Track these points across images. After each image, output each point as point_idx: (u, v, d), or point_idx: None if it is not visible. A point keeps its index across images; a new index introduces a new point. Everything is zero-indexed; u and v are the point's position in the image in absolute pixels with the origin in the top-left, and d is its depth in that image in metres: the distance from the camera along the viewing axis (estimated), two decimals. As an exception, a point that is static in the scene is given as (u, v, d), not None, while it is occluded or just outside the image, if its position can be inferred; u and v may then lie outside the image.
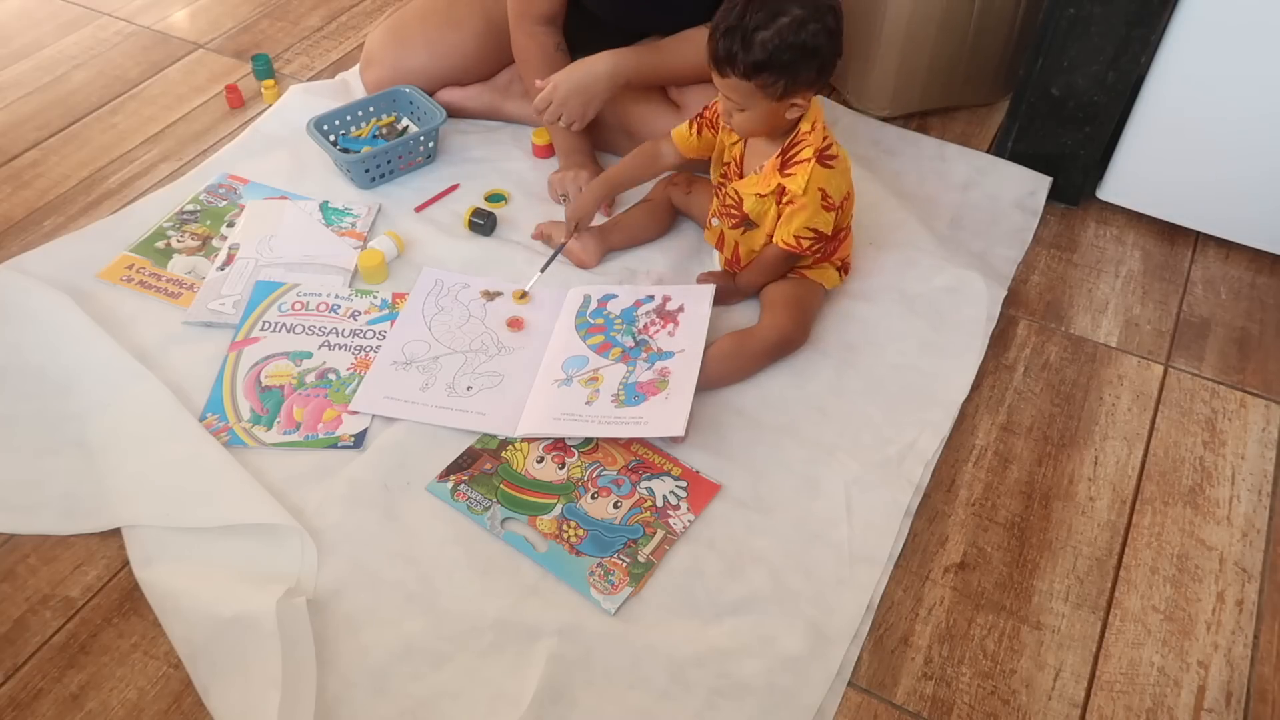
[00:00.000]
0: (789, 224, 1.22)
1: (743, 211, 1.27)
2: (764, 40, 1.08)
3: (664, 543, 1.09)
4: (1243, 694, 1.01)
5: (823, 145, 1.20)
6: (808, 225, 1.21)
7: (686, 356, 1.23)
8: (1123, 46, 1.40)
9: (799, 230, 1.22)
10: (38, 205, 1.53)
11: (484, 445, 1.18)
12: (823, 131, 1.21)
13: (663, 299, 1.32)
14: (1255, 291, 1.45)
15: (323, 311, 1.33)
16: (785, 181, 1.21)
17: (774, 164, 1.22)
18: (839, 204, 1.23)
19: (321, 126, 1.54)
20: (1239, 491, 1.19)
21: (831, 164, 1.20)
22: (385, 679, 0.97)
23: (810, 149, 1.19)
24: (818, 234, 1.22)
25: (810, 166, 1.19)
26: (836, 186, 1.21)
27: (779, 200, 1.23)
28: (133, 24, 1.94)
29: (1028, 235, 1.51)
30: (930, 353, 1.31)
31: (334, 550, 1.06)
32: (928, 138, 1.69)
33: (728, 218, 1.31)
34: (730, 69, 1.12)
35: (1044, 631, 1.05)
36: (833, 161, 1.20)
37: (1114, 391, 1.30)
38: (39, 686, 0.98)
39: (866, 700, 0.99)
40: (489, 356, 1.28)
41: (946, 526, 1.15)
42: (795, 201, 1.20)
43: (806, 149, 1.20)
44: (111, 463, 1.13)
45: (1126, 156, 1.50)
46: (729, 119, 1.20)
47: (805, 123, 1.20)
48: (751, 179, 1.26)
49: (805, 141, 1.20)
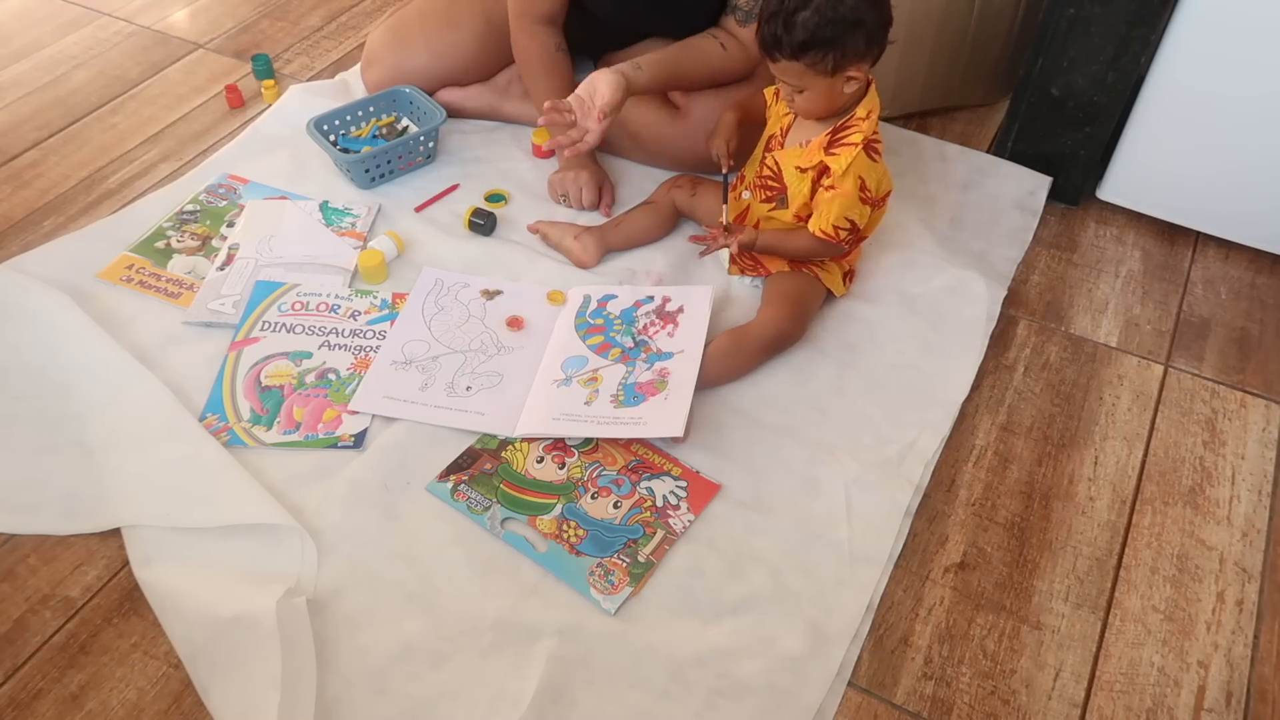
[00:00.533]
0: (827, 212, 1.21)
1: (782, 183, 1.27)
2: (804, 19, 1.11)
3: (664, 543, 1.09)
4: (1243, 694, 1.01)
5: (873, 135, 1.20)
6: (845, 215, 1.21)
7: (686, 357, 1.23)
8: (1123, 46, 1.40)
9: (837, 219, 1.21)
10: (38, 205, 1.53)
11: (484, 445, 1.18)
12: (875, 122, 1.21)
13: (662, 300, 1.32)
14: (1255, 291, 1.45)
15: (323, 311, 1.33)
16: (829, 160, 1.21)
17: (821, 140, 1.22)
18: (877, 200, 1.23)
19: (321, 126, 1.54)
20: (1239, 491, 1.19)
21: (876, 156, 1.21)
22: (385, 679, 0.97)
23: (860, 134, 1.19)
24: (853, 226, 1.22)
25: (856, 151, 1.19)
26: (876, 181, 1.21)
27: (816, 179, 1.22)
28: (133, 24, 1.94)
29: (1028, 235, 1.51)
30: (930, 353, 1.31)
31: (334, 550, 1.06)
32: (928, 138, 1.69)
33: (762, 189, 1.30)
34: (778, 53, 1.14)
35: (1044, 631, 1.05)
36: (877, 156, 1.21)
37: (1114, 391, 1.30)
38: (39, 686, 0.98)
39: (866, 700, 0.99)
40: (488, 356, 1.28)
41: (946, 526, 1.15)
42: (835, 185, 1.20)
43: (857, 133, 1.20)
44: (111, 463, 1.13)
45: (1126, 156, 1.50)
46: (791, 104, 1.21)
47: (862, 108, 1.20)
48: (794, 150, 1.25)
49: (857, 126, 1.20)
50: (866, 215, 1.23)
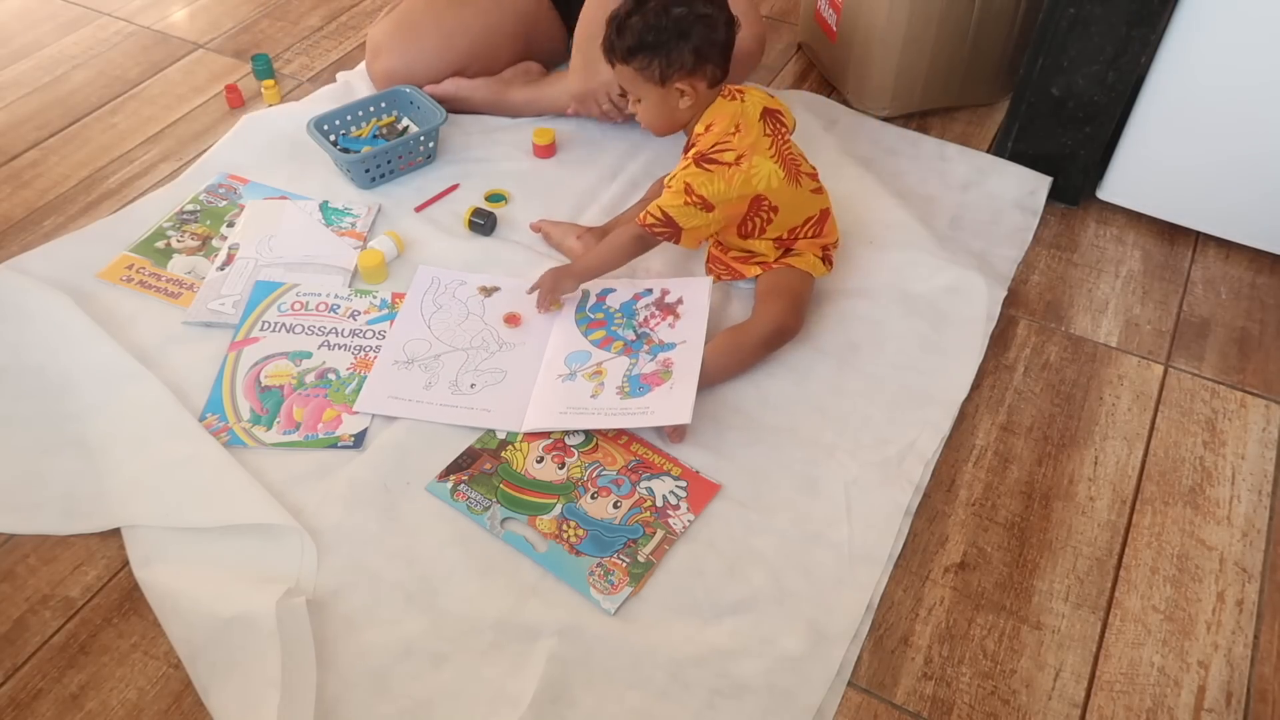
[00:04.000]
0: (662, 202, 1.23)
1: None
2: (634, 25, 1.17)
3: (664, 543, 1.09)
4: (1243, 694, 1.01)
5: (709, 149, 1.21)
6: (660, 206, 1.22)
7: (689, 347, 1.23)
8: (1123, 46, 1.40)
9: (652, 209, 1.23)
10: (38, 205, 1.53)
11: (484, 445, 1.18)
12: (719, 135, 1.21)
13: (661, 292, 1.32)
14: (1255, 291, 1.45)
15: (322, 311, 1.33)
16: None
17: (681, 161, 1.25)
18: (715, 203, 1.21)
19: (321, 126, 1.54)
20: (1239, 491, 1.19)
21: (710, 168, 1.20)
22: (385, 679, 0.97)
23: (695, 150, 1.22)
24: (664, 217, 1.21)
25: (687, 163, 1.22)
26: (712, 189, 1.20)
27: None
28: (133, 24, 1.94)
29: (1028, 235, 1.51)
30: (930, 352, 1.31)
31: (334, 550, 1.06)
32: (928, 138, 1.69)
33: None
34: (613, 57, 1.21)
35: (1044, 631, 1.05)
36: (713, 166, 1.20)
37: (1114, 391, 1.30)
38: (39, 686, 0.98)
39: (866, 700, 0.99)
40: (490, 353, 1.28)
41: (946, 526, 1.14)
42: (668, 186, 1.23)
43: (694, 150, 1.22)
44: (111, 463, 1.13)
45: (1126, 156, 1.50)
46: (636, 116, 1.27)
47: (700, 124, 1.23)
48: None
49: (696, 144, 1.23)
50: (690, 214, 1.21)
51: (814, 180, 1.30)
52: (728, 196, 1.22)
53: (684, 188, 1.21)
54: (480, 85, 1.63)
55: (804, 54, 1.92)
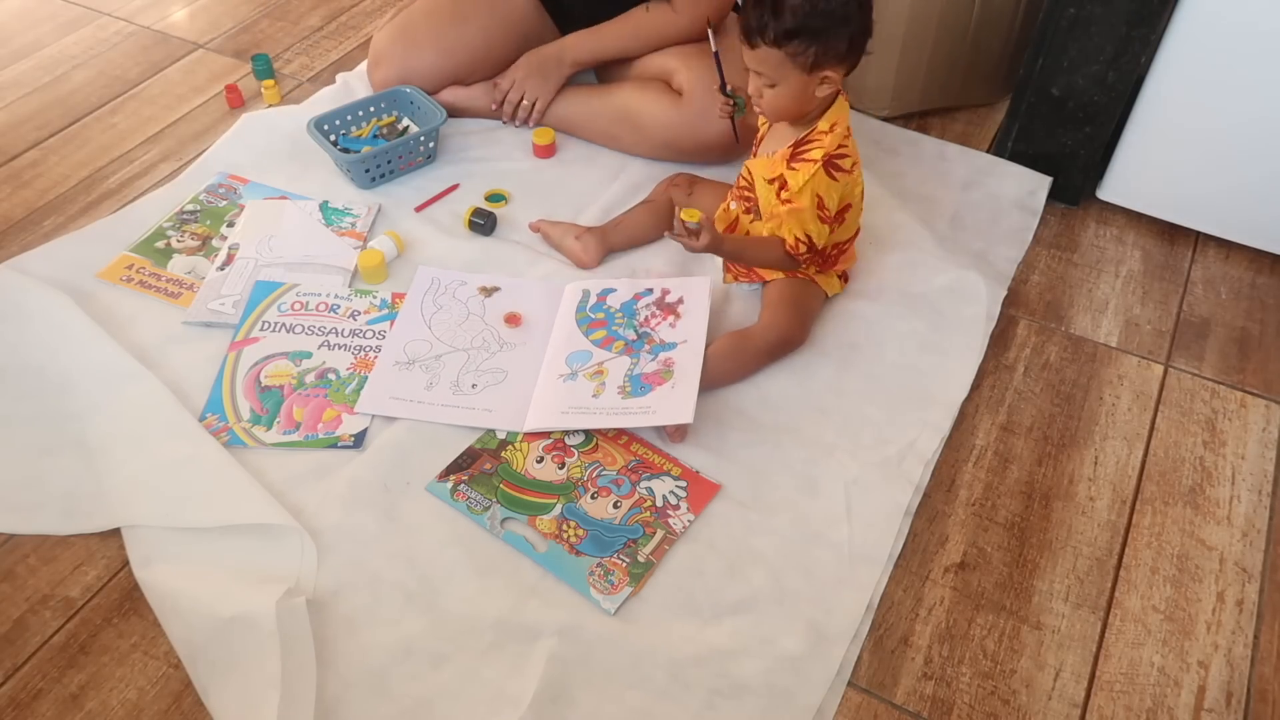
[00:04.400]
0: (785, 227, 1.22)
1: (754, 193, 1.27)
2: (795, 6, 1.09)
3: (664, 543, 1.09)
4: (1243, 694, 1.01)
5: (835, 150, 1.18)
6: (803, 229, 1.21)
7: (690, 346, 1.23)
8: (1123, 46, 1.40)
9: (794, 233, 1.21)
10: (38, 205, 1.53)
11: (484, 445, 1.18)
12: (841, 137, 1.19)
13: (662, 291, 1.32)
14: (1255, 291, 1.45)
15: (322, 311, 1.33)
16: (788, 174, 1.20)
17: (785, 152, 1.21)
18: (834, 215, 1.21)
19: (321, 126, 1.54)
20: (1239, 491, 1.19)
21: (836, 175, 1.19)
22: (385, 679, 0.97)
23: (821, 150, 1.18)
24: (810, 243, 1.22)
25: (815, 169, 1.18)
26: (836, 199, 1.20)
27: (778, 193, 1.22)
28: (133, 24, 1.94)
29: (1028, 235, 1.51)
30: (930, 352, 1.31)
31: (334, 550, 1.06)
32: (928, 138, 1.69)
33: (740, 199, 1.31)
34: (760, 38, 1.12)
35: (1044, 631, 1.05)
36: (838, 173, 1.19)
37: (1114, 391, 1.30)
38: (39, 686, 0.98)
39: (866, 700, 0.99)
40: (491, 353, 1.28)
41: (946, 526, 1.14)
42: (792, 200, 1.20)
43: (817, 149, 1.19)
44: (111, 463, 1.13)
45: (1126, 156, 1.50)
46: (759, 100, 1.18)
47: (824, 122, 1.19)
48: (764, 160, 1.25)
49: (819, 141, 1.19)
50: (824, 234, 1.21)
51: None
52: (841, 204, 1.21)
53: (817, 202, 1.18)
54: (478, 94, 1.63)
55: (804, 54, 1.92)
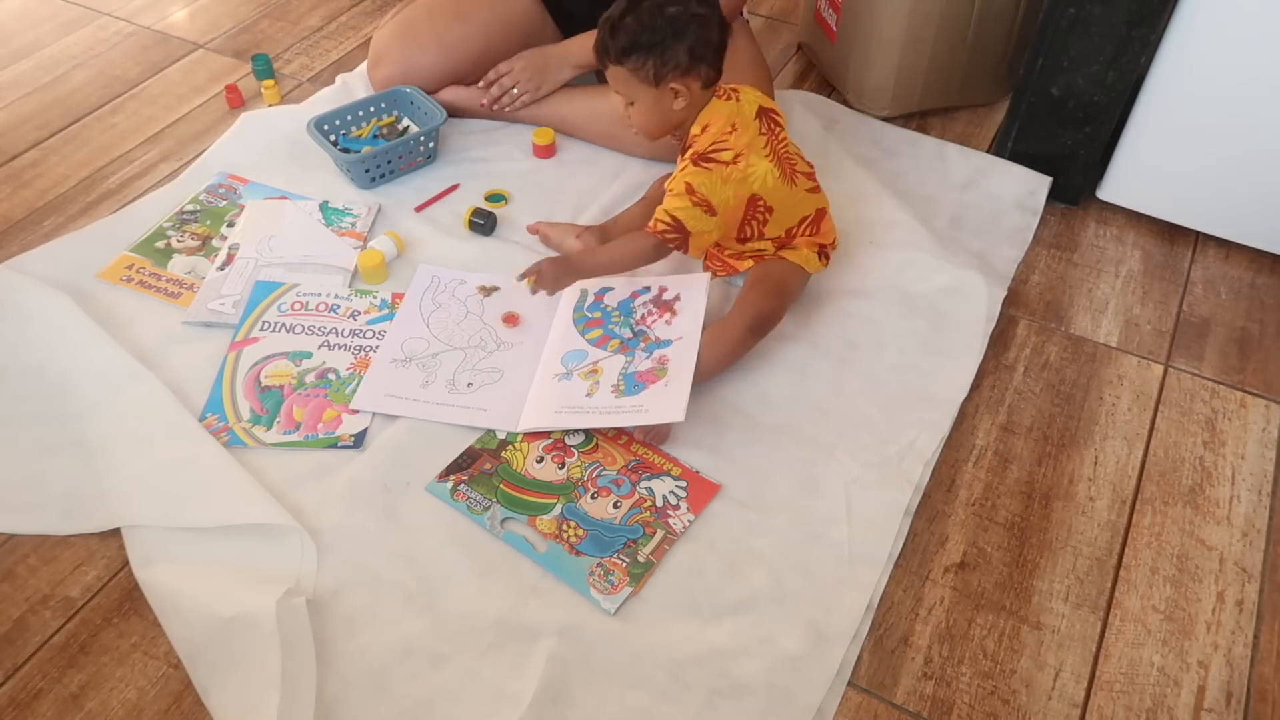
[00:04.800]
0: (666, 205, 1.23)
1: None
2: (628, 25, 1.17)
3: (664, 543, 1.09)
4: (1243, 694, 1.01)
5: (707, 149, 1.21)
6: (666, 210, 1.22)
7: (684, 343, 1.23)
8: (1123, 46, 1.40)
9: (659, 214, 1.22)
10: (38, 205, 1.53)
11: (484, 445, 1.18)
12: (716, 135, 1.21)
13: (659, 289, 1.32)
14: (1255, 291, 1.45)
15: (322, 311, 1.33)
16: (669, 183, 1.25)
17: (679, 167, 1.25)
18: (715, 205, 1.21)
19: (322, 126, 1.54)
20: (1239, 491, 1.19)
21: (708, 166, 1.21)
22: (385, 679, 0.97)
23: (693, 150, 1.22)
24: (673, 222, 1.21)
25: (685, 166, 1.22)
26: (711, 188, 1.21)
27: None
28: (133, 24, 1.94)
29: (1028, 235, 1.51)
30: (930, 352, 1.31)
31: (334, 550, 1.06)
32: (928, 138, 1.69)
33: None
34: (606, 58, 1.20)
35: (1044, 631, 1.05)
36: (711, 164, 1.21)
37: (1114, 391, 1.30)
38: (39, 686, 0.98)
39: (866, 700, 0.99)
40: (488, 352, 1.28)
41: (946, 526, 1.14)
42: (670, 189, 1.23)
43: (692, 151, 1.22)
44: (111, 463, 1.13)
45: (1126, 156, 1.50)
46: (627, 120, 1.26)
47: (696, 125, 1.23)
48: None
49: (693, 145, 1.23)
50: (697, 217, 1.21)
51: (810, 179, 1.30)
52: (726, 198, 1.22)
53: (685, 188, 1.20)
54: (478, 94, 1.63)
55: (804, 54, 1.92)
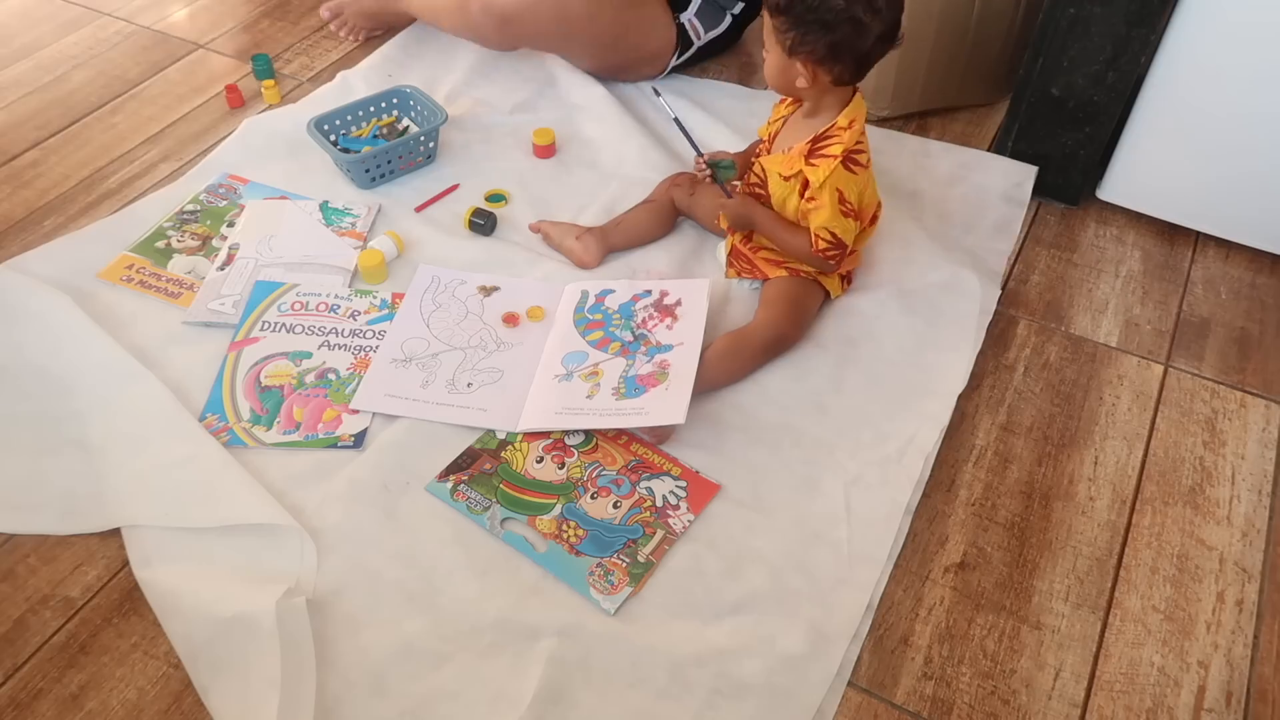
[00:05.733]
0: (811, 223, 1.23)
1: (767, 190, 1.28)
2: None
3: (664, 543, 1.09)
4: (1243, 694, 1.01)
5: (854, 146, 1.20)
6: (826, 227, 1.21)
7: (686, 349, 1.23)
8: (1123, 46, 1.40)
9: (817, 229, 1.22)
10: (38, 205, 1.53)
11: (484, 445, 1.18)
12: (859, 134, 1.21)
13: (660, 293, 1.32)
14: (1255, 291, 1.45)
15: (322, 311, 1.33)
16: (808, 171, 1.21)
17: (803, 148, 1.22)
18: (859, 212, 1.23)
19: (321, 126, 1.54)
20: (1239, 491, 1.19)
21: (855, 170, 1.20)
22: (385, 679, 0.97)
23: (840, 146, 1.20)
24: (835, 240, 1.22)
25: (834, 164, 1.19)
26: (857, 193, 1.22)
27: (801, 192, 1.23)
28: (133, 24, 1.94)
29: (1016, 226, 1.51)
30: (927, 347, 1.31)
31: (334, 550, 1.06)
32: (912, 136, 1.69)
33: (752, 196, 1.32)
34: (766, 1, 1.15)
35: (1044, 631, 1.05)
36: (857, 168, 1.21)
37: (1114, 391, 1.30)
38: (39, 686, 0.98)
39: (866, 700, 0.99)
40: (488, 353, 1.28)
41: (946, 526, 1.14)
42: (815, 198, 1.21)
43: (837, 144, 1.20)
44: (111, 463, 1.13)
45: (1126, 156, 1.50)
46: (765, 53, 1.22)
47: (844, 118, 1.20)
48: (779, 157, 1.26)
49: (837, 137, 1.20)
50: (851, 229, 1.23)
51: None
52: (862, 201, 1.22)
53: (838, 197, 1.19)
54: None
55: (804, 54, 1.92)
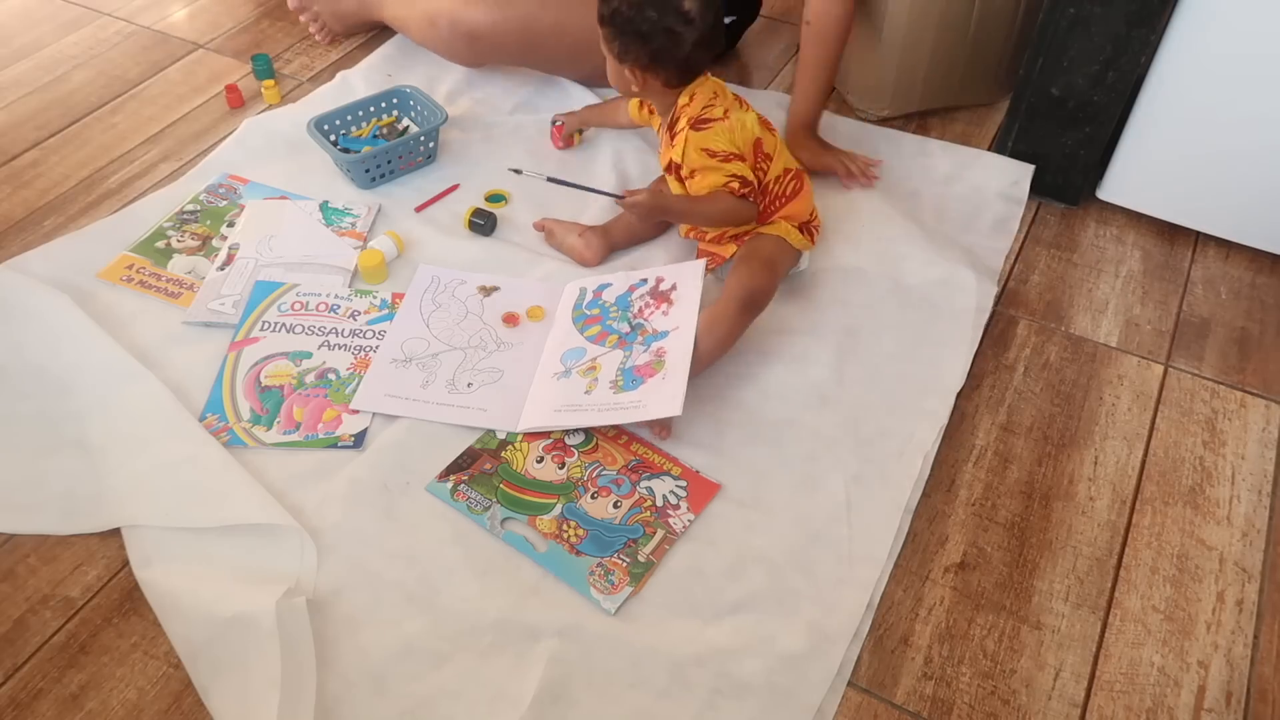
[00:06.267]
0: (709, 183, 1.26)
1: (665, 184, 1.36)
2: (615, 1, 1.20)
3: (664, 542, 1.09)
4: (1243, 694, 1.01)
5: (699, 113, 1.25)
6: (722, 177, 1.25)
7: (680, 333, 1.23)
8: (1123, 46, 1.40)
9: (715, 182, 1.25)
10: (38, 205, 1.53)
11: (484, 445, 1.18)
12: (703, 101, 1.26)
13: (655, 280, 1.32)
14: (1255, 291, 1.45)
15: (322, 311, 1.33)
16: (672, 154, 1.28)
17: (665, 138, 1.30)
18: (740, 153, 1.26)
19: (321, 126, 1.54)
20: (1239, 491, 1.19)
21: (706, 126, 1.25)
22: (385, 679, 0.97)
23: (685, 119, 1.26)
24: (742, 180, 1.25)
25: (685, 134, 1.25)
26: (724, 141, 1.25)
27: (677, 173, 1.29)
28: (133, 24, 1.94)
29: (1014, 224, 1.51)
30: (925, 345, 1.31)
31: (334, 550, 1.07)
32: (909, 135, 1.68)
33: None
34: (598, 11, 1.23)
35: (1044, 631, 1.05)
36: (708, 124, 1.25)
37: (1114, 391, 1.30)
38: (39, 686, 0.98)
39: (866, 700, 0.99)
40: (488, 352, 1.28)
41: (946, 526, 1.15)
42: (693, 171, 1.26)
43: (682, 119, 1.26)
44: (111, 463, 1.13)
45: (1126, 156, 1.50)
46: None
47: (683, 95, 1.27)
48: (662, 151, 1.33)
49: (682, 113, 1.27)
50: (745, 170, 1.26)
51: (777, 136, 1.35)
52: (738, 143, 1.26)
53: (705, 153, 1.24)
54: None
55: (804, 54, 1.91)
